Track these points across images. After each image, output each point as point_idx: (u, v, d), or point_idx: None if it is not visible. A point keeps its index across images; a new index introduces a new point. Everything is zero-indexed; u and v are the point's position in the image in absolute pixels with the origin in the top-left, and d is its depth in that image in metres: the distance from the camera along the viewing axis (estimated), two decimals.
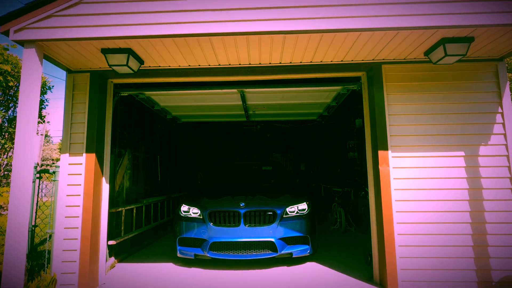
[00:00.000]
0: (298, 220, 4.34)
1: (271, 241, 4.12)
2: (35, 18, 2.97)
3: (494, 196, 3.43)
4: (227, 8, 2.93)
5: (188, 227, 4.35)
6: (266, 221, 4.23)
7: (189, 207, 4.51)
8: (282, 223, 4.24)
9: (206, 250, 4.13)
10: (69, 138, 3.70)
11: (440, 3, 2.84)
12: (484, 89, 3.62)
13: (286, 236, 4.21)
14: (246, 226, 4.18)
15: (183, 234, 4.36)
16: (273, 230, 4.18)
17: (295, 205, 4.44)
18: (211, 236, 4.17)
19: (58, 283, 3.44)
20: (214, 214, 4.28)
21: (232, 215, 4.25)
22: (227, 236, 4.15)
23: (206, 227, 4.24)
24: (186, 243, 4.32)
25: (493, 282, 3.30)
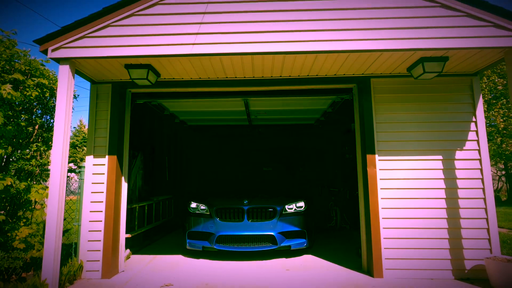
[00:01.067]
0: (296, 216, 4.77)
1: (272, 235, 4.56)
2: (69, 39, 3.45)
3: (467, 195, 3.90)
4: (236, 32, 3.40)
5: (197, 222, 4.80)
6: (267, 217, 4.67)
7: (198, 204, 4.97)
8: (282, 219, 4.69)
9: (213, 242, 4.57)
10: (93, 141, 4.17)
11: (416, 29, 3.32)
12: (461, 100, 4.09)
13: (285, 230, 4.64)
14: (249, 221, 4.62)
15: (192, 228, 4.81)
16: (273, 225, 4.62)
17: (293, 203, 4.87)
18: (217, 230, 4.61)
19: (84, 269, 3.91)
20: (220, 210, 4.72)
21: (237, 211, 4.70)
22: (232, 230, 4.59)
23: (213, 222, 4.68)
24: (194, 236, 4.78)
25: (465, 270, 3.77)
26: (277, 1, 3.45)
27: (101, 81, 4.29)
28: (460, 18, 3.35)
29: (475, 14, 3.32)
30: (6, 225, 3.13)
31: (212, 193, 5.44)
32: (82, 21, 3.45)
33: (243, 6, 3.46)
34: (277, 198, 4.99)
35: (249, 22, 3.42)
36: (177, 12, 3.48)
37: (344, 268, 4.21)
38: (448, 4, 3.35)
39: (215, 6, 3.47)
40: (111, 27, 3.48)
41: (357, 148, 4.31)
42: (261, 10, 3.44)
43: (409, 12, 3.37)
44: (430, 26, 3.34)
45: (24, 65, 3.42)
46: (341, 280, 3.74)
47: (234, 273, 4.03)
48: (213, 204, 4.82)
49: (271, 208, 4.70)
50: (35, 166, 3.40)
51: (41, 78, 3.47)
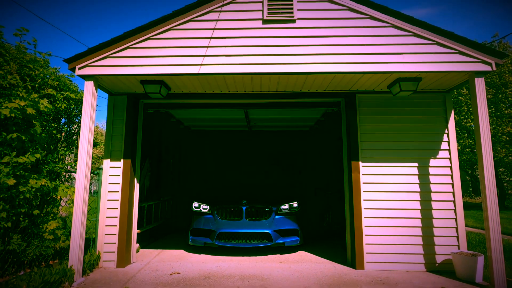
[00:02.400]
0: (290, 215, 5.17)
1: (267, 233, 4.98)
2: (94, 58, 4.00)
3: (439, 197, 4.44)
4: (237, 54, 3.95)
5: (199, 220, 5.21)
6: (263, 216, 5.08)
7: (200, 203, 5.38)
8: (277, 218, 5.09)
9: (214, 239, 4.99)
10: (110, 146, 4.71)
11: (391, 54, 3.88)
12: (435, 114, 4.64)
13: (280, 228, 5.06)
14: (247, 220, 5.04)
15: (194, 226, 5.23)
16: (269, 224, 5.02)
17: (288, 203, 5.28)
18: (218, 227, 5.02)
19: (101, 259, 4.44)
20: (221, 209, 5.14)
21: (236, 211, 5.10)
22: (232, 228, 4.98)
23: (214, 220, 5.09)
24: (197, 233, 5.20)
25: (436, 264, 4.30)
26: (272, 29, 4.00)
27: (118, 93, 4.84)
28: (430, 45, 3.90)
29: (443, 42, 3.88)
30: (38, 218, 3.65)
31: (213, 193, 5.81)
32: (105, 44, 4.00)
33: (244, 33, 4.01)
34: (273, 199, 5.37)
35: (248, 46, 3.97)
36: (187, 36, 4.04)
37: (331, 261, 4.73)
38: (420, 34, 3.91)
39: (220, 32, 4.02)
40: (130, 49, 4.03)
41: (343, 155, 4.85)
42: (259, 36, 3.99)
43: (386, 39, 3.93)
44: (404, 52, 3.89)
45: (55, 81, 3.95)
46: (327, 271, 4.26)
47: (233, 265, 4.55)
48: (214, 204, 5.23)
49: (267, 208, 5.11)
50: (61, 167, 3.92)
51: (68, 92, 4.00)
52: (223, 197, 5.53)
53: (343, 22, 4.00)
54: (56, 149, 3.95)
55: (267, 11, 4.03)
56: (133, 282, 3.79)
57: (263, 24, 4.04)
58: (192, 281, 3.83)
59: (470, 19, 51.55)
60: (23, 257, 3.50)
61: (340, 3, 4.04)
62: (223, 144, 9.70)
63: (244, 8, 4.08)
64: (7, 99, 3.14)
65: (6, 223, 3.14)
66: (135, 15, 41.86)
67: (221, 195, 5.67)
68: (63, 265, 3.66)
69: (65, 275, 3.51)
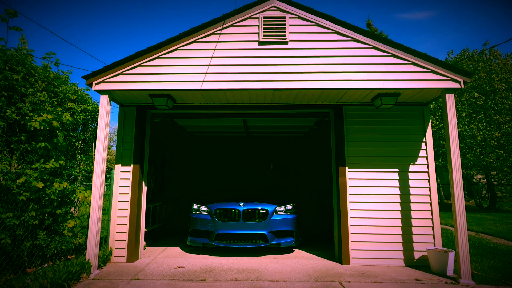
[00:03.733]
0: (285, 217, 5.37)
1: (263, 234, 5.18)
2: (109, 75, 4.50)
3: (417, 199, 4.93)
4: (235, 72, 4.46)
5: (198, 222, 5.37)
6: (260, 217, 5.28)
7: (199, 205, 5.57)
8: (273, 219, 5.28)
9: (212, 240, 5.18)
10: (121, 152, 5.20)
11: (372, 73, 4.39)
12: (414, 125, 5.14)
13: (275, 230, 5.25)
14: (244, 221, 5.22)
15: (193, 227, 5.40)
16: (265, 225, 5.21)
17: (283, 205, 5.49)
18: (216, 228, 5.21)
19: (113, 254, 4.91)
20: (219, 211, 5.32)
21: (233, 212, 5.27)
22: (229, 229, 5.17)
23: (212, 222, 5.27)
24: (196, 234, 5.38)
25: (414, 259, 4.78)
26: (267, 50, 4.51)
27: (128, 104, 5.34)
28: (406, 65, 4.42)
29: (418, 62, 4.39)
30: (59, 217, 4.13)
31: (212, 196, 5.96)
32: (119, 62, 4.51)
33: (241, 53, 4.52)
34: (270, 201, 5.53)
35: (246, 65, 4.49)
36: (191, 56, 4.55)
37: (322, 258, 5.21)
38: (398, 54, 4.43)
39: (220, 52, 4.53)
40: (141, 67, 4.54)
41: (332, 161, 5.34)
42: (255, 56, 4.50)
43: (368, 59, 4.44)
44: (383, 71, 4.40)
45: (74, 95, 4.44)
46: (316, 266, 4.74)
47: (232, 261, 5.03)
48: (213, 206, 5.41)
49: (263, 210, 5.29)
50: (78, 172, 4.41)
51: (85, 104, 4.50)
52: (221, 199, 5.70)
53: (330, 44, 4.52)
54: (74, 155, 4.43)
55: (263, 34, 4.55)
56: (143, 274, 4.27)
57: (259, 45, 4.55)
58: (195, 273, 4.31)
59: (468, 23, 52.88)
60: (47, 251, 3.98)
61: (327, 26, 4.56)
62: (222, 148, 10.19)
63: (242, 31, 4.59)
64: (37, 113, 3.63)
65: (34, 221, 3.63)
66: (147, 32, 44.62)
67: (219, 197, 5.83)
68: (80, 258, 4.14)
69: (84, 267, 4.00)
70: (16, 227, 3.46)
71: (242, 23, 4.62)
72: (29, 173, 3.50)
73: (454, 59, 16.80)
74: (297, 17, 4.62)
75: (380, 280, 4.08)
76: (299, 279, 4.10)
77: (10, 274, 3.47)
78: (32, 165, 3.57)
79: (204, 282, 3.96)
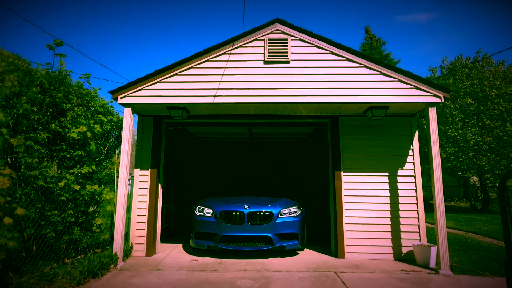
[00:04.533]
0: (290, 220, 5.34)
1: (268, 236, 5.15)
2: (132, 90, 5.11)
3: (405, 200, 5.52)
4: (243, 88, 5.07)
5: (203, 224, 5.33)
6: (265, 220, 5.24)
7: (204, 208, 5.53)
8: (278, 222, 5.24)
9: (217, 242, 5.14)
10: (140, 158, 5.80)
11: (363, 89, 4.99)
12: (403, 133, 5.74)
13: (280, 232, 5.22)
14: (249, 223, 5.17)
15: (198, 229, 5.37)
16: (270, 227, 5.17)
17: (288, 208, 5.47)
18: (221, 231, 5.16)
19: (133, 249, 5.50)
20: (224, 213, 5.26)
21: (238, 215, 5.23)
22: (234, 231, 5.14)
23: (217, 224, 5.23)
24: (200, 236, 5.35)
25: (402, 254, 5.37)
26: (271, 68, 5.13)
27: (146, 115, 5.95)
28: (394, 82, 5.02)
29: (404, 79, 5.00)
30: (89, 215, 4.72)
31: (217, 198, 5.96)
32: (141, 79, 5.12)
33: (249, 71, 5.13)
34: (274, 204, 5.52)
35: (252, 82, 5.09)
36: (204, 73, 5.16)
37: (320, 253, 5.79)
38: (386, 73, 5.04)
39: (230, 70, 5.15)
40: (160, 83, 5.15)
41: (329, 165, 5.94)
42: (260, 73, 5.12)
43: (359, 77, 5.05)
44: (373, 87, 5.01)
45: (101, 108, 5.05)
46: (315, 259, 5.33)
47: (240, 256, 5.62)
48: (218, 208, 5.37)
49: (268, 212, 5.25)
50: (104, 176, 5.00)
51: (111, 116, 5.11)
52: (226, 201, 5.67)
53: (326, 63, 5.13)
54: (101, 161, 5.03)
55: (268, 54, 5.16)
56: (162, 266, 4.86)
57: (264, 64, 5.17)
58: (208, 265, 4.90)
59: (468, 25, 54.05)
60: (79, 245, 4.57)
61: (324, 47, 5.17)
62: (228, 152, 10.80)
63: (249, 51, 5.21)
64: (74, 125, 4.23)
65: (71, 218, 4.22)
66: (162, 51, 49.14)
67: (224, 200, 5.80)
68: (107, 252, 4.73)
69: (112, 259, 4.59)
70: (57, 223, 4.05)
71: (249, 44, 5.24)
72: (68, 177, 4.10)
73: (449, 66, 17.43)
74: (297, 39, 5.23)
75: (371, 271, 4.67)
76: (299, 270, 4.69)
77: (52, 263, 4.06)
78: (70, 170, 4.17)
79: (217, 272, 4.55)
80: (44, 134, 3.91)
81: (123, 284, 3.99)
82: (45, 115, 3.98)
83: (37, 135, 3.79)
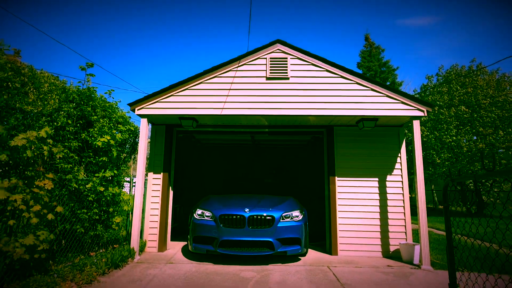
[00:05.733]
0: (292, 224, 5.14)
1: (270, 241, 4.96)
2: (148, 103, 5.73)
3: (393, 203, 6.09)
4: (247, 102, 5.67)
5: (202, 228, 5.11)
6: (266, 224, 5.04)
7: (203, 211, 5.29)
8: (279, 226, 5.03)
9: (216, 246, 4.95)
10: (153, 162, 6.40)
11: (355, 103, 5.59)
12: (391, 142, 6.32)
13: (282, 237, 5.02)
14: (249, 228, 4.96)
15: (197, 233, 5.14)
16: (271, 232, 4.97)
17: (290, 212, 5.26)
18: (220, 235, 4.95)
19: (146, 245, 6.09)
20: (224, 217, 5.05)
21: (239, 219, 5.02)
22: (234, 235, 4.93)
23: (216, 228, 5.02)
24: (199, 240, 5.13)
25: (390, 252, 5.93)
26: (272, 83, 5.73)
27: (159, 124, 6.56)
28: (382, 97, 5.62)
29: (391, 95, 5.60)
30: (110, 214, 5.32)
31: (217, 201, 5.71)
32: (156, 92, 5.74)
33: (253, 86, 5.74)
34: (276, 207, 5.33)
35: (256, 96, 5.70)
36: (213, 88, 5.77)
37: (316, 251, 6.35)
38: (375, 89, 5.63)
39: (236, 85, 5.76)
40: (173, 96, 5.77)
41: (324, 171, 6.53)
42: (263, 88, 5.72)
43: (351, 92, 5.64)
44: (364, 102, 5.61)
45: (120, 118, 5.67)
46: (312, 256, 5.89)
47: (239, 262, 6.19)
48: (217, 212, 5.16)
49: (269, 217, 5.06)
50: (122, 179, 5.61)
51: (128, 125, 5.74)
52: (226, 204, 5.49)
53: (322, 80, 5.73)
54: (119, 166, 5.64)
55: (269, 71, 5.77)
56: (174, 260, 5.44)
57: (266, 80, 5.78)
58: (216, 258, 5.48)
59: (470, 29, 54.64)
60: (101, 240, 5.16)
61: (320, 66, 5.78)
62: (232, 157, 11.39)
63: (253, 69, 5.82)
64: (100, 135, 4.84)
65: (96, 216, 4.81)
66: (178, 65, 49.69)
67: (224, 202, 5.62)
68: (124, 247, 5.32)
69: (130, 253, 5.17)
70: (85, 220, 4.65)
71: (253, 62, 5.86)
72: (94, 180, 4.70)
73: (445, 74, 18.02)
74: (296, 58, 5.85)
75: (360, 265, 5.24)
76: (296, 264, 5.26)
77: (80, 255, 4.65)
78: (96, 174, 4.78)
79: (223, 264, 5.13)
80: (76, 143, 4.53)
81: (141, 274, 4.57)
82: (75, 126, 4.59)
83: (70, 143, 4.40)
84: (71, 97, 4.59)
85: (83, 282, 3.91)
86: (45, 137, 3.40)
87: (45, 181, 3.49)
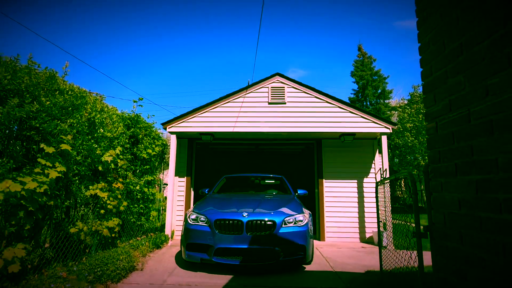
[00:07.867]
0: (296, 230, 4.57)
1: (270, 249, 4.39)
2: (176, 122, 7.38)
3: (368, 201, 7.73)
4: (253, 121, 7.33)
5: (196, 234, 4.59)
6: (266, 230, 4.47)
7: (198, 215, 4.78)
8: (281, 232, 4.49)
9: (211, 255, 4.42)
10: (178, 168, 8.04)
11: (337, 122, 7.24)
12: (368, 152, 7.98)
13: (285, 245, 4.44)
14: (248, 234, 4.42)
15: (190, 240, 4.62)
16: (272, 239, 4.42)
17: (293, 216, 4.73)
18: (216, 242, 4.42)
19: (174, 234, 7.72)
20: (219, 223, 4.52)
21: (236, 224, 4.49)
22: (231, 243, 4.41)
23: (212, 234, 4.48)
24: (193, 248, 4.59)
25: (366, 238, 7.55)
26: (273, 107, 7.40)
27: (182, 137, 8.21)
28: (357, 117, 7.27)
29: (364, 116, 7.25)
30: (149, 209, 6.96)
31: (213, 204, 5.22)
32: (183, 115, 7.39)
33: (257, 109, 7.40)
34: (277, 211, 4.83)
35: (260, 117, 7.35)
36: (227, 110, 7.43)
37: None
38: (352, 111, 7.29)
39: (244, 108, 7.41)
40: (196, 117, 7.42)
41: (315, 174, 8.17)
42: (265, 111, 7.38)
43: (334, 114, 7.30)
44: (343, 121, 7.26)
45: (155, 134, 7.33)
46: None
47: None
48: (212, 216, 4.66)
49: (270, 221, 4.55)
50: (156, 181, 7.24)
51: (161, 140, 7.38)
52: (223, 207, 5.02)
53: (311, 104, 7.39)
54: (153, 172, 7.29)
55: (270, 97, 7.43)
56: None
57: (268, 104, 7.43)
58: None
59: None
60: (142, 229, 6.79)
61: (309, 93, 7.43)
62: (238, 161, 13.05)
63: (258, 95, 7.48)
64: (144, 149, 6.47)
65: (141, 210, 6.45)
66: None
67: (222, 205, 5.14)
68: (159, 234, 6.94)
69: (165, 238, 6.81)
70: (135, 213, 6.28)
71: (258, 90, 7.52)
72: (140, 183, 6.34)
73: None
74: (291, 87, 7.51)
75: (340, 247, 6.88)
76: None
77: (132, 238, 6.29)
78: (141, 178, 6.41)
79: None
80: (130, 156, 6.15)
81: (175, 253, 6.20)
82: (128, 143, 6.20)
83: (127, 156, 6.01)
84: (126, 122, 6.23)
85: (141, 255, 5.54)
86: (119, 154, 5.04)
87: (118, 184, 5.14)
